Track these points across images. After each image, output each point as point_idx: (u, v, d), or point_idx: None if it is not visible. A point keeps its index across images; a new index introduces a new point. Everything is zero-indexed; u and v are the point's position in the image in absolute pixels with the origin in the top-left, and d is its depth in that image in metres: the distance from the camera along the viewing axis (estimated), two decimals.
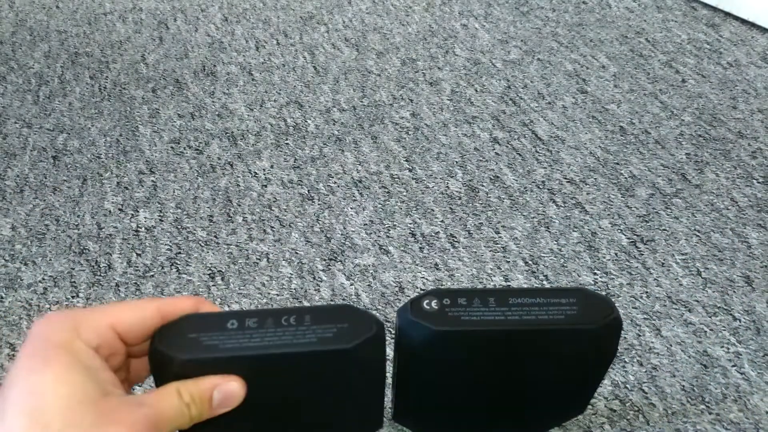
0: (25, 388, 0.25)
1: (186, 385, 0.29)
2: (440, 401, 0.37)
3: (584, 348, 0.33)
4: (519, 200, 0.63)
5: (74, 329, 0.28)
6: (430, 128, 0.72)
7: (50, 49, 0.87)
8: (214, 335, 0.30)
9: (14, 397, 0.25)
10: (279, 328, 0.31)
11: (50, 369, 0.26)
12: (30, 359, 0.26)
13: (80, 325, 0.28)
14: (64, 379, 0.26)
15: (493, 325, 0.31)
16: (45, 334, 0.27)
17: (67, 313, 0.29)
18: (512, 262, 0.57)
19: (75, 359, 0.27)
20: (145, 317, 0.30)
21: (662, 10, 0.91)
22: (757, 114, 0.72)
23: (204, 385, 0.29)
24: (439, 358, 0.33)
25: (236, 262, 0.57)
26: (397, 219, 0.61)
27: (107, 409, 0.26)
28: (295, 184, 0.65)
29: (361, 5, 0.94)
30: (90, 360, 0.27)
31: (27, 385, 0.25)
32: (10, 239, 0.60)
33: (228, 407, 0.30)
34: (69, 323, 0.28)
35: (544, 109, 0.74)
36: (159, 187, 0.65)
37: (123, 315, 0.30)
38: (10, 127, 0.73)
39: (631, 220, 0.60)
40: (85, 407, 0.25)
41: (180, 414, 0.28)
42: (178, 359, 0.29)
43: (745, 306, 0.53)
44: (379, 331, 0.31)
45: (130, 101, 0.77)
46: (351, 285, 0.55)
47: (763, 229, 0.59)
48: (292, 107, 0.75)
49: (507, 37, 0.86)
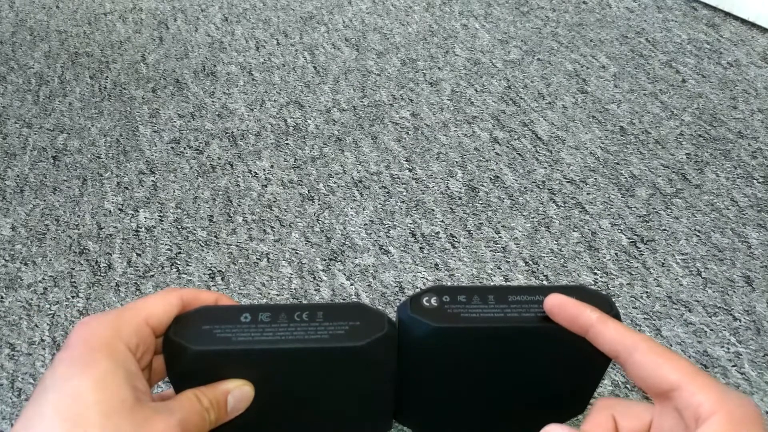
0: (65, 392, 0.25)
1: (203, 391, 0.30)
2: (439, 398, 0.37)
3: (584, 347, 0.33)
4: (519, 200, 0.63)
5: (116, 330, 0.28)
6: (430, 128, 0.72)
7: (50, 49, 0.87)
8: (227, 328, 0.31)
9: (53, 400, 0.25)
10: (291, 324, 0.31)
11: (90, 373, 0.26)
12: (71, 363, 0.26)
13: (121, 326, 0.28)
14: (103, 385, 0.26)
15: (492, 322, 0.31)
16: (86, 337, 0.27)
17: (107, 314, 0.29)
18: (512, 262, 0.57)
19: (115, 364, 0.27)
20: (172, 306, 0.31)
21: (662, 10, 0.91)
22: (757, 114, 0.72)
23: (219, 390, 0.30)
24: (438, 355, 0.33)
25: (236, 262, 0.57)
26: (397, 219, 0.61)
27: (142, 417, 0.26)
28: (295, 184, 0.65)
29: (361, 5, 0.94)
30: (129, 364, 0.27)
31: (67, 389, 0.25)
32: (10, 239, 0.60)
33: (240, 411, 0.31)
34: (111, 325, 0.28)
35: (544, 109, 0.74)
36: (159, 187, 0.65)
37: (155, 309, 0.30)
38: (10, 127, 0.73)
39: (631, 220, 0.60)
40: (123, 415, 0.25)
41: (203, 420, 0.29)
42: (191, 350, 0.30)
43: (745, 306, 0.53)
44: (391, 330, 0.31)
45: (130, 101, 0.77)
46: (351, 285, 0.55)
47: (763, 229, 0.59)
48: (292, 107, 0.75)
49: (507, 37, 0.86)
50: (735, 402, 0.25)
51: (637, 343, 0.27)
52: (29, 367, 0.50)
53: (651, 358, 0.27)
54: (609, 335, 0.29)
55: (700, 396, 0.25)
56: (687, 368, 0.26)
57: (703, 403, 0.25)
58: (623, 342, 0.28)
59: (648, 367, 0.27)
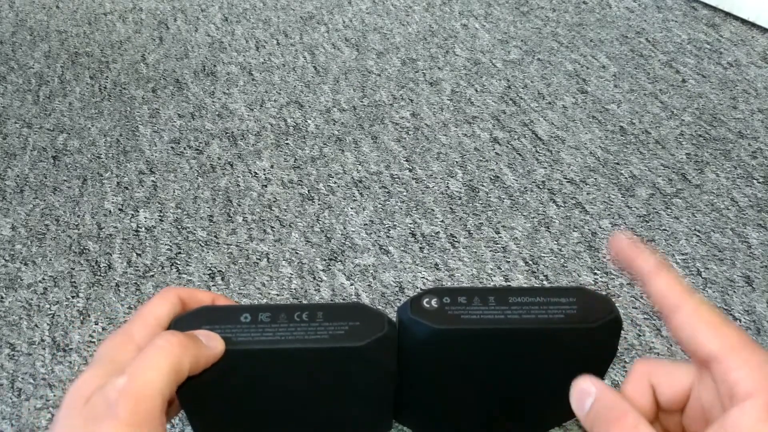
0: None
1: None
2: (439, 400, 0.37)
3: (584, 347, 0.33)
4: (519, 200, 0.63)
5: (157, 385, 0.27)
6: (430, 128, 0.72)
7: (50, 49, 0.87)
8: (227, 328, 0.31)
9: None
10: (291, 324, 0.31)
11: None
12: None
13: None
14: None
15: (492, 323, 0.31)
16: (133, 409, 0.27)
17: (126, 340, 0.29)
18: (512, 262, 0.57)
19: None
20: (174, 305, 0.32)
21: (662, 10, 0.91)
22: (757, 114, 0.72)
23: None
24: (439, 356, 0.33)
25: (236, 262, 0.57)
26: (397, 219, 0.61)
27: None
28: (295, 184, 0.65)
29: (361, 5, 0.94)
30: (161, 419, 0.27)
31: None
32: (10, 239, 0.60)
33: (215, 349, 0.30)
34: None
35: (544, 109, 0.74)
36: (159, 187, 0.65)
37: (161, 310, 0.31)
38: (10, 127, 0.73)
39: (631, 220, 0.60)
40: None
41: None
42: None
43: (746, 306, 0.53)
44: (391, 330, 0.31)
45: (130, 101, 0.77)
46: (351, 285, 0.55)
47: (763, 229, 0.59)
48: (292, 107, 0.75)
49: (507, 37, 0.86)
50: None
51: (682, 303, 0.25)
52: (29, 367, 0.50)
53: (692, 321, 0.24)
54: (655, 289, 0.26)
55: (739, 372, 0.22)
56: (731, 338, 0.23)
57: (740, 381, 0.22)
58: (668, 299, 0.25)
59: (688, 332, 0.24)
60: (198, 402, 0.32)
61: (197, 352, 0.28)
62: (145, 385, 0.26)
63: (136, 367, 0.26)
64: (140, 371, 0.26)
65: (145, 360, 0.27)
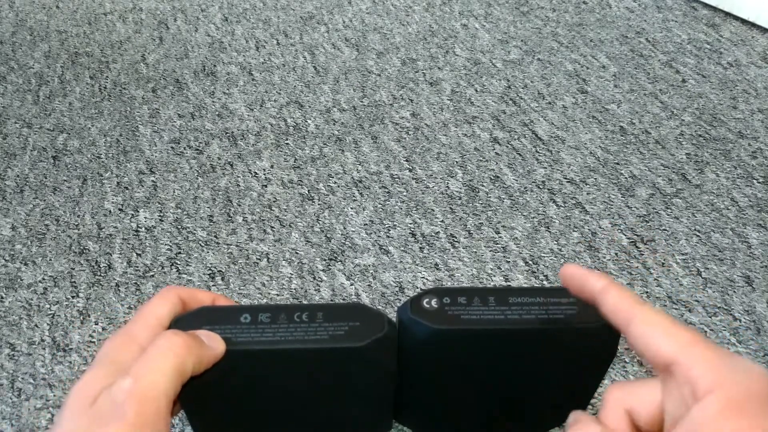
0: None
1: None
2: (439, 400, 0.37)
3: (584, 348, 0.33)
4: (519, 200, 0.63)
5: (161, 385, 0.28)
6: (430, 128, 0.72)
7: (50, 49, 0.87)
8: (227, 328, 0.31)
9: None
10: (291, 324, 0.31)
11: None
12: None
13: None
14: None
15: (492, 324, 0.31)
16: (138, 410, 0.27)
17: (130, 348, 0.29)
18: (512, 262, 0.57)
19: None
20: (174, 305, 0.32)
21: (662, 10, 0.91)
22: (757, 114, 0.72)
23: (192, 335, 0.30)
24: (439, 356, 0.33)
25: (236, 262, 0.57)
26: (397, 219, 0.61)
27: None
28: (295, 184, 0.65)
29: (361, 5, 0.94)
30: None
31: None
32: (10, 239, 0.60)
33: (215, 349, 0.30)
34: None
35: (544, 109, 0.74)
36: (159, 187, 0.65)
37: (162, 310, 0.31)
38: (10, 127, 0.73)
39: (631, 220, 0.60)
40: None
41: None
42: None
43: (746, 306, 0.53)
44: (391, 330, 0.31)
45: (130, 101, 0.77)
46: (351, 285, 0.55)
47: (763, 229, 0.59)
48: (292, 107, 0.75)
49: (507, 37, 0.86)
50: (739, 377, 0.21)
51: (633, 314, 0.24)
52: (29, 367, 0.50)
53: (646, 329, 0.24)
54: (607, 306, 0.25)
55: (697, 369, 0.22)
56: (685, 337, 0.23)
57: (700, 378, 0.21)
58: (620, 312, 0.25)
59: (644, 340, 0.23)
60: (198, 402, 0.32)
61: (200, 353, 0.28)
62: (150, 386, 0.26)
63: (140, 369, 0.26)
64: (145, 373, 0.26)
65: (149, 361, 0.27)
